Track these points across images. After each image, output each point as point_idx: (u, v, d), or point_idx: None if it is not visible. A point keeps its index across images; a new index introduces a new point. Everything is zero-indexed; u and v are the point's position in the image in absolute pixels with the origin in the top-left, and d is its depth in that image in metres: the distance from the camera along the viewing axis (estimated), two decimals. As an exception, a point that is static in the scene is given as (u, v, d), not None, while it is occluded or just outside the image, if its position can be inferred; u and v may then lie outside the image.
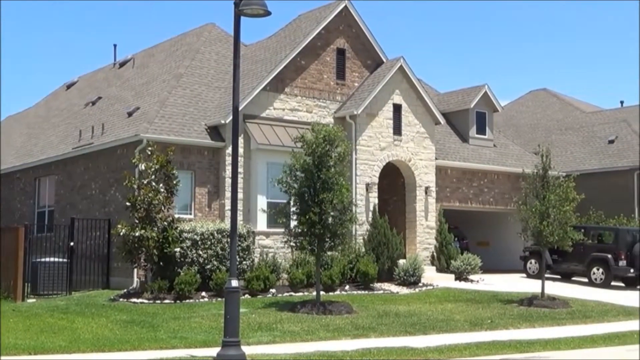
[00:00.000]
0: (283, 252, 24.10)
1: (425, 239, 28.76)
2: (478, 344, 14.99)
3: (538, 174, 22.33)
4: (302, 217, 19.12)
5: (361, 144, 27.20)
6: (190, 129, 25.31)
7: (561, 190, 21.99)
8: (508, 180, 32.35)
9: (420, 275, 25.36)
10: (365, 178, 27.19)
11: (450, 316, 18.88)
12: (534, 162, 23.49)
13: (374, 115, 27.64)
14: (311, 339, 15.51)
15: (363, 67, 28.71)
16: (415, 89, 28.76)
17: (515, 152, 34.61)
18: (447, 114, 32.52)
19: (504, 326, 17.84)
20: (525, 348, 14.84)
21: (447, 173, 30.61)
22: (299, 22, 29.62)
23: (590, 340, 15.92)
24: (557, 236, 21.74)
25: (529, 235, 22.49)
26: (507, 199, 31.55)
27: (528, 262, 30.11)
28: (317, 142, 19.20)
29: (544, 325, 18.18)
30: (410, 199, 28.96)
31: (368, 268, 23.79)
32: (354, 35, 28.48)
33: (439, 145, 30.33)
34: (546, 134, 43.44)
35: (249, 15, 13.35)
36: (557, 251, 26.55)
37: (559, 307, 21.00)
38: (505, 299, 22.08)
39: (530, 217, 21.88)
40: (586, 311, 20.68)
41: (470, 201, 31.55)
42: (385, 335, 16.05)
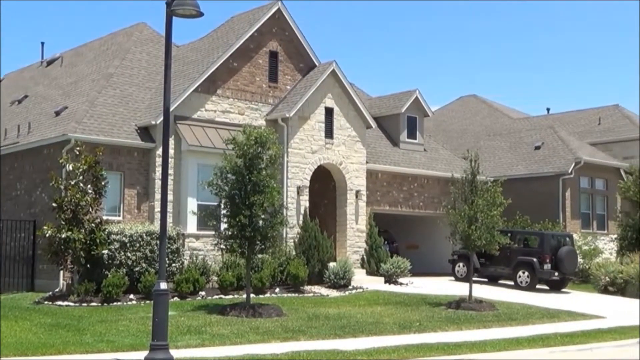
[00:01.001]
0: (213, 255, 23.95)
1: (355, 242, 28.90)
2: (406, 347, 15.12)
3: (467, 179, 22.62)
4: (233, 219, 19.02)
5: (293, 147, 27.21)
6: (120, 130, 24.96)
7: (489, 195, 22.32)
8: (438, 185, 32.76)
9: (350, 278, 25.48)
10: (297, 181, 27.20)
11: (379, 319, 19.00)
12: (463, 167, 23.82)
13: (306, 118, 27.69)
14: (241, 342, 15.43)
15: (296, 70, 28.73)
16: (347, 92, 28.90)
17: (445, 156, 35.06)
18: (378, 118, 32.76)
19: (432, 329, 18.03)
20: (453, 350, 15.03)
21: (377, 177, 30.84)
22: (232, 24, 29.49)
23: (515, 342, 16.21)
24: (484, 240, 22.05)
25: (458, 239, 22.77)
26: (437, 203, 31.94)
27: (456, 265, 30.52)
28: (248, 145, 19.14)
29: (471, 328, 18.43)
30: (341, 203, 29.08)
31: (298, 271, 23.80)
32: (287, 39, 28.49)
33: (370, 149, 30.53)
34: (475, 139, 44.12)
35: (181, 16, 13.23)
36: (484, 255, 26.97)
37: (485, 309, 21.32)
38: (433, 302, 22.33)
39: (458, 221, 22.15)
40: (512, 314, 21.04)
41: (401, 205, 31.84)
42: (315, 338, 16.07)
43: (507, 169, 38.42)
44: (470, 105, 53.85)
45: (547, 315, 21.17)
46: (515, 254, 28.81)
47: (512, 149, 40.99)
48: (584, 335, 17.57)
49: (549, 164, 37.50)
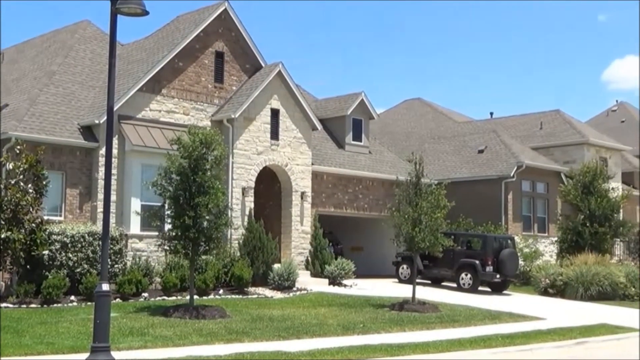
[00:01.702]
0: (157, 256, 23.72)
1: (300, 243, 28.91)
2: (350, 348, 15.15)
3: (411, 181, 22.76)
4: (177, 220, 18.86)
5: (238, 148, 27.10)
6: (63, 129, 24.56)
7: (433, 197, 22.49)
8: (382, 187, 32.95)
9: (294, 280, 25.48)
10: (242, 182, 27.11)
11: (323, 320, 19.02)
12: (408, 170, 23.98)
13: (252, 119, 27.61)
14: (184, 343, 15.30)
15: (242, 71, 28.64)
16: (293, 94, 28.90)
17: (389, 159, 35.28)
18: (324, 120, 32.85)
19: (375, 330, 18.10)
20: (396, 351, 15.11)
21: (323, 178, 30.89)
22: (178, 24, 29.27)
23: (458, 344, 16.36)
24: (428, 242, 22.20)
25: (402, 241, 22.88)
26: (381, 205, 32.12)
27: (400, 267, 30.74)
28: (193, 145, 18.99)
29: (414, 329, 18.55)
30: (286, 204, 29.07)
31: (243, 272, 23.72)
32: (233, 39, 28.38)
33: (315, 150, 30.58)
34: (420, 142, 44.48)
35: (126, 14, 13.05)
36: (428, 257, 27.22)
37: (428, 311, 21.48)
38: (377, 304, 22.44)
39: (403, 223, 22.27)
40: (454, 315, 21.25)
41: (345, 207, 31.94)
42: (259, 340, 16.01)
43: (451, 171, 38.82)
44: (415, 108, 54.26)
45: (489, 316, 21.42)
46: (458, 256, 29.14)
47: (456, 152, 41.42)
48: (525, 336, 17.82)
49: (492, 167, 37.99)
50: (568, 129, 44.07)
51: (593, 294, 28.12)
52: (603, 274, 28.58)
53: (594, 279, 28.38)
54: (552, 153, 42.31)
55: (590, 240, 32.93)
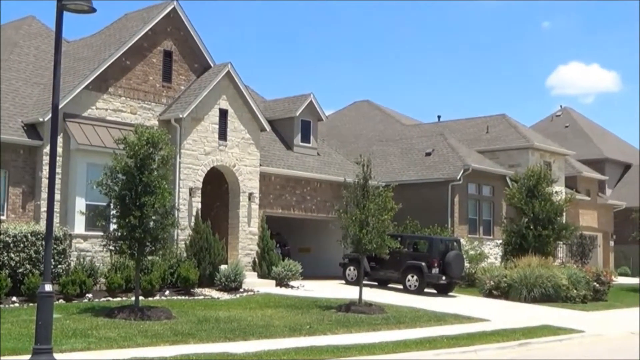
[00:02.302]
0: (102, 256, 23.42)
1: (247, 244, 28.82)
2: (296, 349, 15.14)
3: (359, 183, 22.81)
4: (122, 220, 18.63)
5: (186, 148, 26.91)
6: (6, 126, 24.08)
7: (380, 199, 22.58)
8: (330, 189, 33.00)
9: (241, 281, 25.39)
10: (189, 182, 26.92)
11: (270, 322, 18.98)
12: (356, 172, 24.04)
13: (200, 119, 27.44)
14: (128, 345, 15.12)
15: (190, 70, 28.44)
16: (242, 95, 28.80)
17: (338, 161, 35.37)
18: (273, 121, 32.80)
19: (322, 331, 18.12)
20: (342, 353, 15.14)
21: (271, 180, 30.83)
22: (125, 22, 28.94)
23: (403, 345, 16.46)
24: (375, 244, 22.27)
25: (349, 242, 22.90)
26: (329, 207, 32.16)
27: (347, 268, 30.81)
28: (140, 145, 18.78)
29: (361, 331, 18.61)
30: (233, 205, 28.94)
31: (189, 273, 23.54)
32: (182, 38, 28.16)
33: (264, 151, 30.51)
34: (368, 144, 44.69)
35: (73, 11, 12.87)
36: (375, 258, 27.31)
37: (375, 312, 21.56)
38: (324, 305, 22.46)
39: (350, 225, 22.31)
40: (400, 317, 21.37)
41: (293, 208, 31.92)
42: (205, 341, 15.91)
43: (399, 174, 39.06)
44: (364, 110, 54.52)
45: (435, 318, 21.59)
46: (404, 258, 29.31)
47: (403, 154, 41.68)
48: (469, 338, 18.00)
49: (439, 170, 38.32)
50: (513, 133, 44.69)
51: (536, 295, 28.53)
52: (546, 276, 29.00)
53: (537, 281, 28.79)
54: (497, 157, 42.86)
55: (534, 243, 33.39)
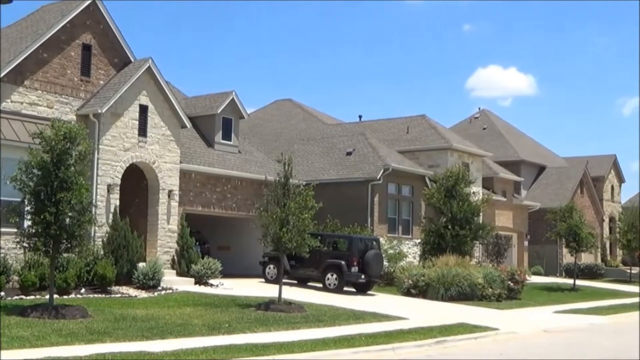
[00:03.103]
0: (15, 253, 22.78)
1: (166, 242, 28.51)
2: (215, 348, 15.05)
3: (280, 182, 22.82)
4: (37, 216, 18.17)
5: (104, 144, 26.44)
6: None
7: (301, 198, 22.62)
8: (251, 187, 32.90)
9: (160, 279, 25.10)
10: (107, 179, 26.46)
11: (188, 320, 18.82)
12: (277, 170, 24.03)
13: (119, 115, 26.99)
14: (42, 344, 14.77)
15: (110, 65, 27.96)
16: (162, 91, 28.46)
17: (259, 159, 35.28)
18: (194, 118, 32.51)
19: (241, 330, 18.04)
20: (261, 351, 15.11)
21: (191, 177, 30.55)
22: (43, 13, 28.26)
23: (322, 343, 16.51)
24: (295, 242, 22.30)
25: (269, 241, 22.89)
26: (250, 205, 32.05)
27: (267, 267, 30.78)
28: (56, 139, 18.35)
29: (280, 329, 18.61)
30: (152, 202, 28.58)
31: (106, 271, 23.15)
32: (101, 32, 27.65)
33: (184, 149, 30.22)
34: (289, 143, 44.71)
35: (-13, 1, 12.52)
36: (295, 257, 27.36)
37: (294, 311, 21.59)
38: (243, 304, 22.39)
39: (270, 223, 22.30)
40: (320, 315, 21.45)
41: (213, 206, 31.71)
42: (122, 340, 15.66)
43: (320, 173, 39.19)
44: (286, 109, 54.54)
45: (353, 316, 21.74)
46: (324, 257, 29.43)
47: (324, 153, 41.83)
48: (387, 336, 18.18)
49: (359, 169, 38.59)
50: (433, 134, 45.34)
51: (453, 294, 29.02)
52: (463, 275, 29.54)
53: (454, 280, 29.29)
54: (417, 157, 43.40)
55: (451, 242, 33.96)
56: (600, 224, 62.76)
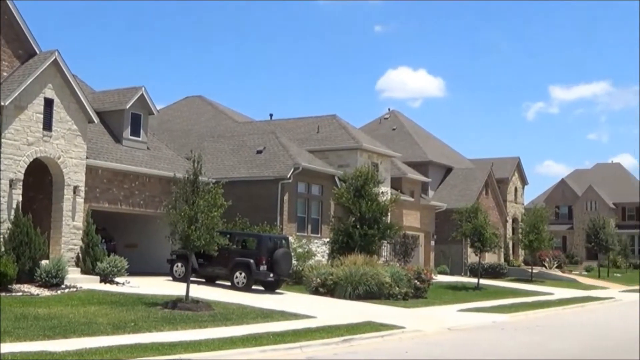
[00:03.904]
0: None
1: (71, 239, 27.88)
2: (120, 347, 14.81)
3: (189, 179, 22.61)
4: None
5: (7, 138, 25.66)
6: None
7: (210, 196, 22.47)
8: (160, 184, 32.48)
9: (63, 277, 24.53)
10: (10, 174, 25.69)
11: (92, 319, 18.45)
12: (186, 167, 23.79)
13: (23, 108, 26.24)
14: (-64, 345, 14.27)
15: (14, 56, 27.18)
16: (69, 84, 27.80)
17: (168, 156, 34.87)
18: (101, 113, 31.87)
19: (147, 329, 17.81)
20: (167, 350, 14.95)
21: (98, 173, 29.95)
22: (-57, 1, 27.26)
23: (230, 342, 16.45)
24: (204, 241, 22.14)
25: (177, 238, 22.64)
26: (158, 202, 31.65)
27: (175, 265, 30.43)
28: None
29: (187, 328, 18.45)
30: (57, 198, 27.90)
31: (7, 268, 22.47)
32: (6, 23, 26.84)
33: (91, 144, 29.62)
34: (199, 140, 44.37)
35: None
36: (203, 255, 27.13)
37: (202, 310, 21.43)
38: (150, 302, 22.09)
39: (179, 221, 22.08)
40: (227, 314, 21.35)
41: (121, 203, 31.18)
42: (22, 340, 15.25)
43: (230, 171, 39.02)
44: (196, 106, 54.12)
45: (261, 315, 21.73)
46: (233, 255, 29.30)
47: (235, 151, 41.67)
48: (295, 334, 18.23)
49: (270, 168, 38.58)
50: (343, 134, 45.67)
51: (361, 293, 29.29)
52: (370, 274, 29.84)
53: (362, 279, 29.57)
54: (327, 156, 43.64)
55: (360, 241, 34.27)
56: (504, 224, 64.40)
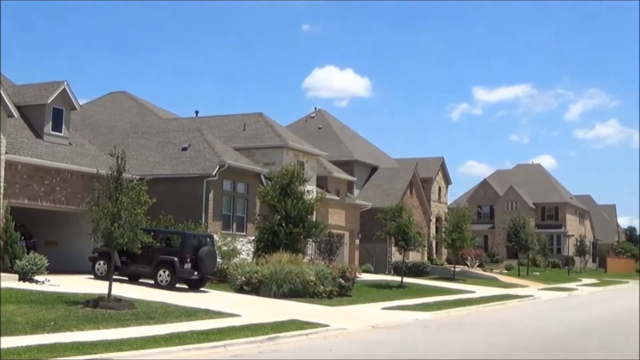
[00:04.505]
0: None
1: (-11, 236, 27.17)
2: (39, 347, 14.50)
3: (112, 176, 22.27)
4: None
5: None
6: None
7: (134, 193, 22.18)
8: (82, 180, 31.89)
9: (-20, 275, 23.89)
10: None
11: (10, 318, 17.99)
12: (110, 164, 23.42)
13: (-61, 100, 25.46)
14: None
15: None
16: (-12, 77, 27.09)
17: (91, 152, 34.29)
18: (22, 107, 31.13)
19: (67, 328, 17.47)
20: (89, 350, 14.70)
21: (17, 169, 29.26)
22: None
23: (153, 341, 16.27)
24: (127, 238, 21.85)
25: (100, 236, 22.32)
26: (80, 199, 31.05)
27: (97, 263, 29.94)
28: None
29: (109, 327, 18.17)
30: (-25, 194, 27.17)
31: None
32: None
33: (10, 139, 28.91)
34: (123, 137, 43.76)
35: None
36: (126, 253, 26.78)
37: (124, 308, 21.13)
38: (71, 301, 21.67)
39: (101, 218, 21.73)
40: (151, 312, 21.10)
41: (41, 199, 30.52)
42: None
43: (154, 168, 38.58)
44: (120, 101, 53.35)
45: (185, 314, 21.55)
46: (157, 253, 28.98)
47: (159, 148, 41.22)
48: (219, 333, 18.13)
49: (195, 165, 38.29)
50: (270, 132, 45.63)
51: (286, 291, 29.29)
52: (295, 273, 29.87)
53: (287, 277, 29.57)
54: (253, 154, 43.54)
55: (285, 240, 34.26)
56: (428, 223, 65.31)
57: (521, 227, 63.37)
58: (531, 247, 65.46)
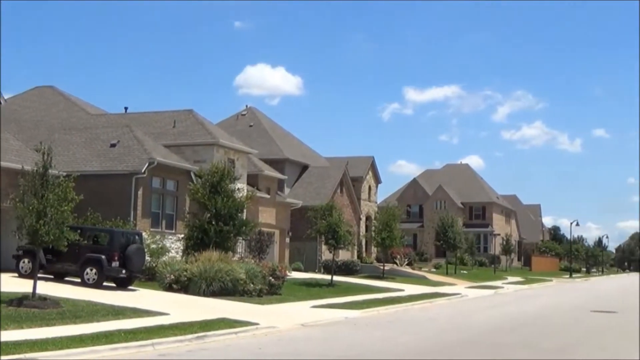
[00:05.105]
0: None
1: None
2: (-40, 347, 14.12)
3: (38, 172, 21.83)
4: None
5: None
6: None
7: (60, 189, 21.79)
8: (6, 176, 31.18)
9: None
10: None
11: None
12: (35, 160, 22.93)
13: None
14: None
15: None
16: None
17: (15, 147, 33.57)
18: (-57, 100, 30.28)
19: (-10, 328, 17.07)
20: (12, 350, 14.38)
21: (-62, 164, 28.43)
22: None
23: (79, 340, 16.01)
24: (53, 236, 21.45)
25: (25, 233, 21.86)
26: (4, 196, 30.35)
27: (21, 261, 29.34)
28: None
29: (33, 326, 17.80)
30: None
31: None
32: None
33: None
34: (50, 132, 42.95)
35: None
36: (52, 251, 26.32)
37: (49, 307, 20.74)
38: (-7, 300, 21.19)
39: (26, 215, 21.28)
40: (77, 311, 20.76)
41: (-37, 196, 29.72)
42: None
43: (82, 164, 37.96)
44: (47, 96, 52.34)
45: (113, 312, 21.26)
46: (83, 251, 28.55)
47: (87, 144, 40.57)
48: (147, 332, 17.94)
49: (124, 162, 37.80)
50: (200, 129, 45.32)
51: (215, 289, 29.12)
52: (225, 271, 29.72)
53: (217, 275, 29.41)
54: (183, 152, 43.21)
55: (215, 238, 34.06)
56: (358, 222, 65.73)
57: (449, 226, 64.27)
58: (459, 246, 66.46)
